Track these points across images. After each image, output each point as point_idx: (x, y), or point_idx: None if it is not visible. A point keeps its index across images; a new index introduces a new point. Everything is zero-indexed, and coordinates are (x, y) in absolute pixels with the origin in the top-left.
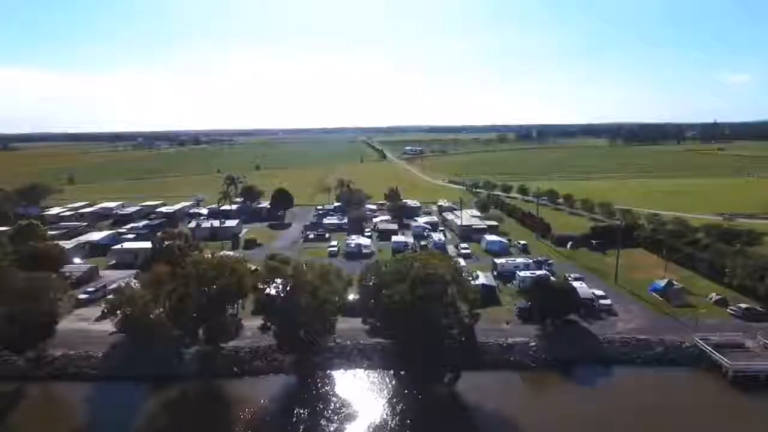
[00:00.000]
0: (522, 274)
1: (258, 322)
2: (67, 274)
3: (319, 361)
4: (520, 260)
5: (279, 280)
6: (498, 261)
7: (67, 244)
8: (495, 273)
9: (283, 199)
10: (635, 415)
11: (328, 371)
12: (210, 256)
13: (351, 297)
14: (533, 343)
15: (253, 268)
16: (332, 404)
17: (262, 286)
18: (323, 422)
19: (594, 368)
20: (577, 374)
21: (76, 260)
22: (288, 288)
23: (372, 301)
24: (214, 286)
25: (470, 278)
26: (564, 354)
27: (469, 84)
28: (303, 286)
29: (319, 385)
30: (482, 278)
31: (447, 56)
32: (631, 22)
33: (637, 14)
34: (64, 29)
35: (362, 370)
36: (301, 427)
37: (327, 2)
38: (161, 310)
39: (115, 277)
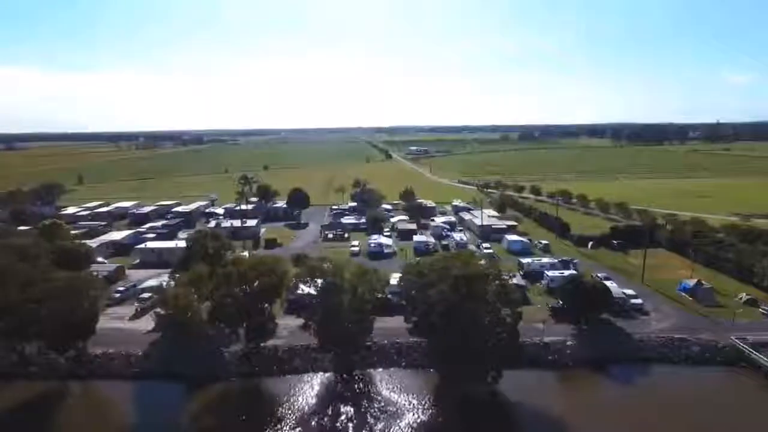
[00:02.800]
0: (551, 273)
1: (290, 321)
2: (95, 273)
3: (359, 359)
4: (545, 260)
5: (319, 280)
6: (524, 261)
7: (91, 244)
8: (521, 273)
9: (299, 199)
10: (676, 414)
11: (368, 370)
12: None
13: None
14: (569, 342)
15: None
16: (373, 403)
17: (301, 285)
18: (365, 420)
19: (631, 367)
20: (615, 373)
21: (100, 259)
22: (328, 287)
23: (413, 300)
24: (256, 286)
25: (509, 277)
26: (600, 353)
27: (470, 85)
28: (343, 284)
29: (360, 383)
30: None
31: (447, 57)
32: (630, 22)
33: (637, 15)
34: (65, 29)
35: (402, 368)
36: (346, 425)
37: (327, 3)
38: (202, 309)
39: (141, 277)
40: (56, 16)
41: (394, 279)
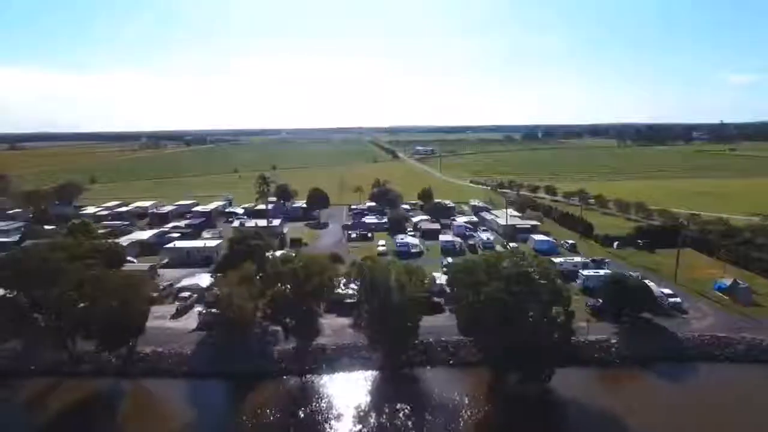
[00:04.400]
0: (586, 273)
1: (331, 319)
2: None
3: (407, 357)
4: (578, 259)
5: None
6: (556, 260)
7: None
8: None
9: (318, 199)
10: (727, 411)
11: (416, 368)
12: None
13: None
14: (614, 341)
15: None
16: (423, 401)
17: (342, 284)
18: (417, 418)
19: (677, 365)
20: (662, 371)
21: (129, 259)
22: (379, 286)
23: (463, 298)
24: (308, 285)
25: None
26: (645, 351)
27: (470, 85)
28: (392, 283)
29: (409, 381)
30: None
31: (448, 57)
32: (630, 24)
33: (636, 16)
34: (64, 29)
35: (450, 367)
36: (397, 423)
37: (327, 3)
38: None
39: (172, 276)
40: (56, 17)
41: (440, 278)
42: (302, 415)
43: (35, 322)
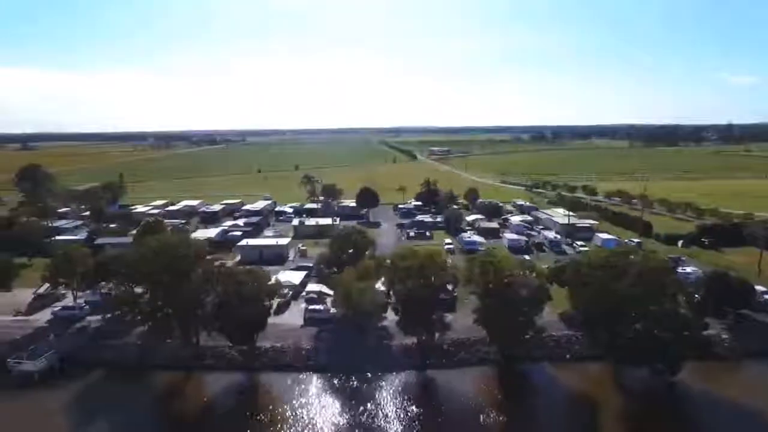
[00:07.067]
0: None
1: None
2: None
3: (524, 352)
4: None
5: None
6: None
7: None
8: None
9: (368, 198)
10: None
11: (534, 363)
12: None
13: None
14: (724, 335)
15: None
16: (552, 396)
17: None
18: (551, 413)
19: None
20: None
21: None
22: (501, 281)
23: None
24: (434, 280)
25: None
26: (758, 346)
27: (471, 85)
28: (510, 279)
29: (531, 376)
30: None
31: (450, 58)
32: (632, 24)
33: (639, 16)
34: (65, 29)
35: (566, 361)
36: (524, 418)
37: (329, 3)
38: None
39: None
40: (56, 17)
41: None
42: (443, 408)
43: (165, 317)
